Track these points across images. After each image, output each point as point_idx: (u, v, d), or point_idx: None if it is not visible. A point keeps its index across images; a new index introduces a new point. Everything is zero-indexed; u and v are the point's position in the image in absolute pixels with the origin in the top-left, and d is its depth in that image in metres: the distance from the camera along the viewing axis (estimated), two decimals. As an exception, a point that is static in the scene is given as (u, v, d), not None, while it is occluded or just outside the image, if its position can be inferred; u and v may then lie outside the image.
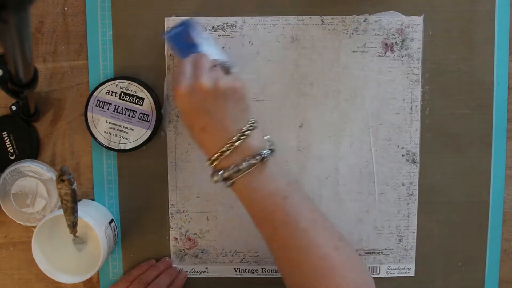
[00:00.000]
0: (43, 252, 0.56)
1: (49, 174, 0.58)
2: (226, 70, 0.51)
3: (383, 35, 0.59)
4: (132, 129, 0.58)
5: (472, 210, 0.62)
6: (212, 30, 0.59)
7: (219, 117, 0.48)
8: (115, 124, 0.58)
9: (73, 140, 0.61)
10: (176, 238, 0.62)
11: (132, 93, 0.58)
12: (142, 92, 0.58)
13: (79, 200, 0.60)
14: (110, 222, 0.59)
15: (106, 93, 0.58)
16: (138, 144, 0.58)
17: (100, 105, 0.58)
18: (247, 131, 0.48)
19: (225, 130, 0.48)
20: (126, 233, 0.62)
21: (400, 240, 0.62)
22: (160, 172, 0.61)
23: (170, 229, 0.62)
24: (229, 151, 0.48)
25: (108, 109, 0.58)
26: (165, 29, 0.58)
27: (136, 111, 0.58)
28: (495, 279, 0.62)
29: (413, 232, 0.62)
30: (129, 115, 0.58)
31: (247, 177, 0.48)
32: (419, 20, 0.59)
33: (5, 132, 0.59)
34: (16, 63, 0.42)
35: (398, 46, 0.60)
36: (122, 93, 0.58)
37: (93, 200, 0.61)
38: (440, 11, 0.59)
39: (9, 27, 0.34)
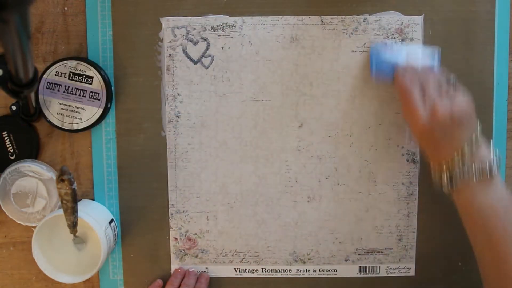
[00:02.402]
0: (43, 252, 0.56)
1: (49, 174, 0.58)
2: (452, 84, 0.54)
3: (382, 34, 0.59)
4: (84, 109, 0.58)
5: (472, 210, 0.62)
6: (212, 30, 0.59)
7: (457, 139, 0.52)
8: (66, 105, 0.58)
9: (73, 140, 0.61)
10: (176, 238, 0.62)
11: (81, 73, 0.58)
12: (91, 71, 0.58)
13: (79, 200, 0.60)
14: (110, 222, 0.59)
15: (55, 74, 0.58)
16: (91, 123, 0.58)
17: (51, 87, 0.58)
18: (476, 141, 0.52)
19: (458, 146, 0.52)
20: (126, 233, 0.62)
21: (400, 240, 0.62)
22: (160, 172, 0.61)
23: (170, 229, 0.62)
24: (461, 158, 0.51)
25: (58, 91, 0.58)
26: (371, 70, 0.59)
27: (86, 90, 0.58)
28: (495, 279, 0.62)
29: (413, 232, 0.62)
30: (79, 95, 0.58)
31: (476, 185, 0.51)
32: (418, 19, 0.59)
33: (5, 132, 0.59)
34: (16, 63, 0.42)
35: (398, 46, 0.60)
36: (71, 73, 0.58)
37: (93, 200, 0.61)
38: (440, 11, 0.59)
39: (9, 27, 0.35)
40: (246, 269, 0.63)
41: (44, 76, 0.58)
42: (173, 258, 0.62)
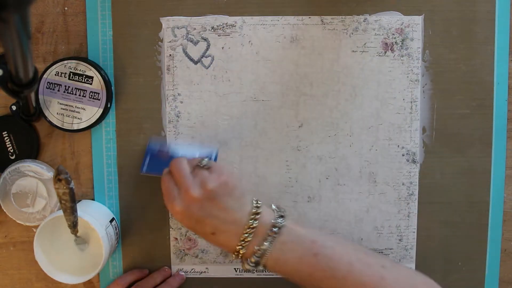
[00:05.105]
0: (46, 254, 0.56)
1: (49, 174, 0.58)
2: (207, 166, 0.51)
3: (383, 34, 0.59)
4: (84, 109, 0.58)
5: (472, 210, 0.62)
6: (212, 30, 0.59)
7: (223, 215, 0.49)
8: (66, 105, 0.58)
9: (73, 140, 0.61)
10: (176, 238, 0.62)
11: (81, 73, 0.58)
12: (91, 71, 0.58)
13: (79, 201, 0.60)
14: (111, 221, 0.59)
15: (55, 74, 0.58)
16: (91, 123, 0.58)
17: (51, 87, 0.58)
18: (256, 213, 0.50)
19: (235, 223, 0.49)
20: (126, 233, 0.62)
21: (400, 240, 0.62)
22: (160, 172, 0.61)
23: (170, 229, 0.62)
24: (249, 236, 0.49)
25: (58, 90, 0.58)
26: (142, 167, 0.59)
27: (86, 90, 0.58)
28: (495, 279, 0.62)
29: (413, 232, 0.62)
30: (79, 95, 0.58)
31: (273, 254, 0.49)
32: (418, 19, 0.59)
33: (5, 132, 0.59)
34: (16, 63, 0.42)
35: (398, 45, 0.60)
36: (71, 73, 0.58)
37: (93, 200, 0.61)
38: (440, 11, 0.59)
39: (9, 27, 0.35)
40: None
41: (44, 76, 0.58)
42: (173, 258, 0.62)
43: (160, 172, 0.54)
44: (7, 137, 0.59)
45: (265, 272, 0.50)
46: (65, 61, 0.58)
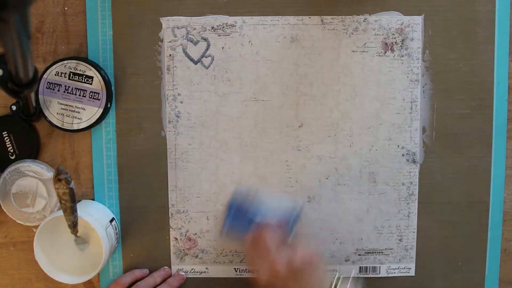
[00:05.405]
0: (46, 254, 0.56)
1: (49, 174, 0.58)
2: (292, 231, 0.53)
3: (383, 34, 0.59)
4: (84, 109, 0.58)
5: (472, 210, 0.62)
6: (212, 30, 0.59)
7: None
8: (66, 105, 0.58)
9: (73, 140, 0.61)
10: (176, 238, 0.62)
11: (81, 73, 0.58)
12: (91, 71, 0.58)
13: (79, 201, 0.60)
14: (111, 221, 0.59)
15: (55, 74, 0.58)
16: (91, 123, 0.58)
17: (51, 87, 0.58)
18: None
19: None
20: (126, 233, 0.62)
21: (400, 240, 0.62)
22: (160, 172, 0.61)
23: (170, 229, 0.62)
24: None
25: (59, 90, 0.58)
26: (222, 226, 0.56)
27: (86, 90, 0.58)
28: (495, 279, 0.62)
29: (413, 232, 0.62)
30: (79, 95, 0.58)
31: None
32: (418, 19, 0.59)
33: (5, 132, 0.59)
34: (16, 63, 0.42)
35: (398, 45, 0.60)
36: (71, 73, 0.58)
37: (93, 200, 0.61)
38: (440, 11, 0.59)
39: (9, 27, 0.35)
40: (246, 269, 0.63)
41: (44, 76, 0.58)
42: (173, 258, 0.62)
43: (240, 235, 0.54)
44: (7, 137, 0.59)
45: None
46: (65, 61, 0.58)
